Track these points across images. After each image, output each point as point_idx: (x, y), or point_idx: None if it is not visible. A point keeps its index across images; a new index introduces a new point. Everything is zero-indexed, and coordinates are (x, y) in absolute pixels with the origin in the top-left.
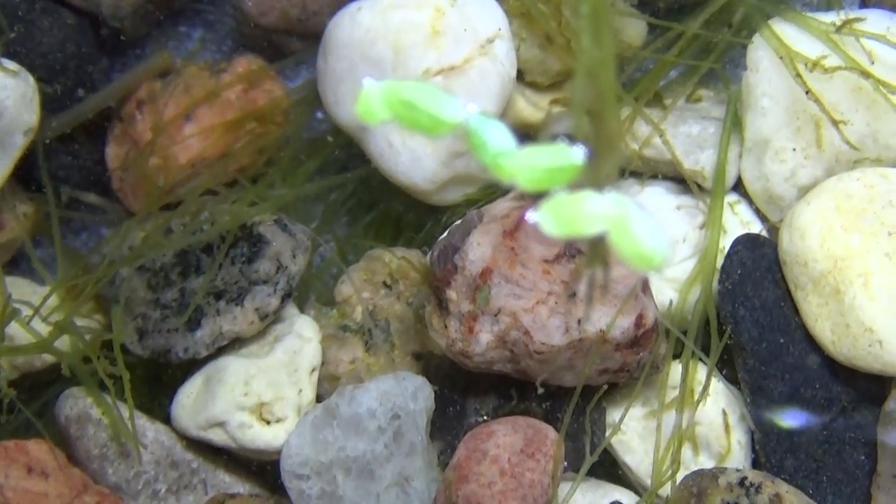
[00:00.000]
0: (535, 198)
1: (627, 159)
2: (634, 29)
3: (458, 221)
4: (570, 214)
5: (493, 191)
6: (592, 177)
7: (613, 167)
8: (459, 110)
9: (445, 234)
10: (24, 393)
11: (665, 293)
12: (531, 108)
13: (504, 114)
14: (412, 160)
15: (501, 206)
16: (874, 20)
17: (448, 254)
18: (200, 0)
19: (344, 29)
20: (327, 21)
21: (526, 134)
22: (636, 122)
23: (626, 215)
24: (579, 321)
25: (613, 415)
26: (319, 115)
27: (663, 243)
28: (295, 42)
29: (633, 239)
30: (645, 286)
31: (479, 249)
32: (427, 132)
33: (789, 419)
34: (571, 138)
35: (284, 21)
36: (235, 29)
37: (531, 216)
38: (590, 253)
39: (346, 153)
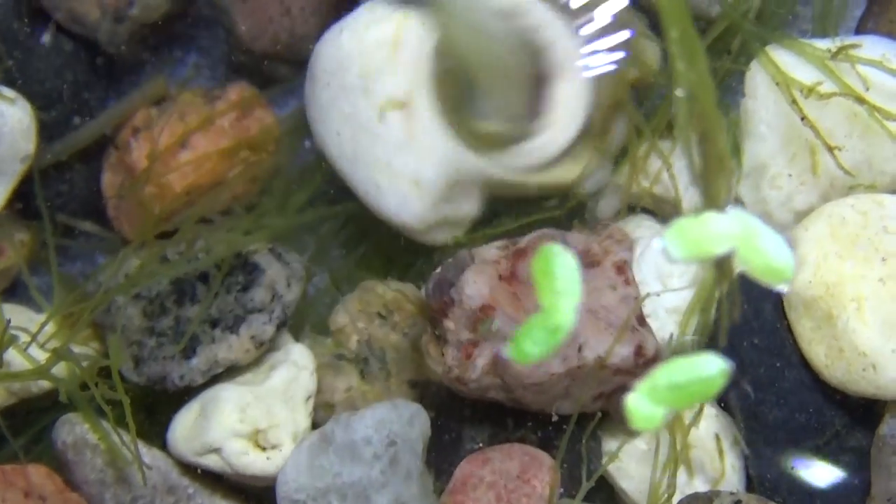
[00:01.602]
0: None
1: (636, 196)
2: (652, 51)
3: (450, 259)
4: (696, 237)
5: (480, 234)
6: (709, 197)
7: (727, 184)
8: (714, 363)
9: (439, 269)
10: (21, 419)
11: (667, 327)
12: None
13: None
14: (399, 201)
15: (490, 252)
16: (869, 46)
17: (443, 287)
18: (195, 25)
19: (326, 53)
20: (313, 46)
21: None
22: (649, 160)
23: (753, 232)
24: (579, 347)
25: (610, 443)
26: (308, 143)
27: (790, 256)
28: (284, 69)
29: (762, 254)
30: (641, 319)
31: (475, 286)
32: (704, 399)
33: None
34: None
35: (275, 45)
36: (228, 55)
37: (657, 243)
38: (717, 272)
39: (335, 184)
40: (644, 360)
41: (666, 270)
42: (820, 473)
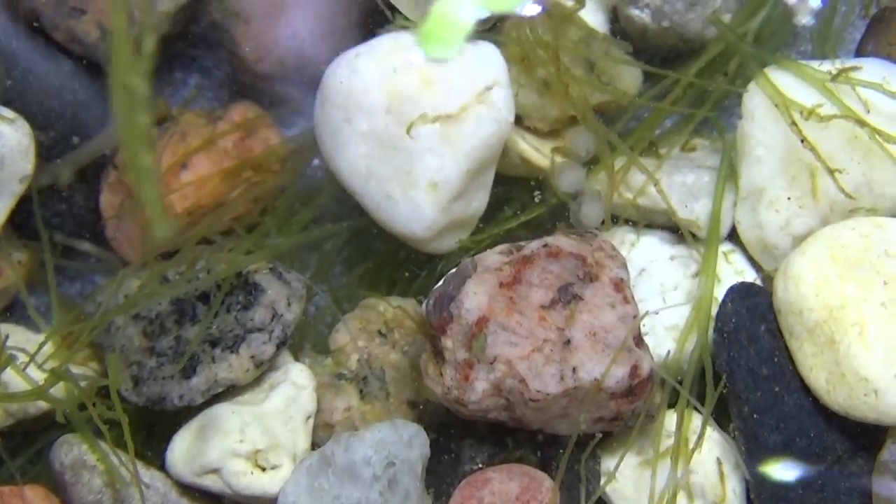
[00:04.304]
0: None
1: (620, 207)
2: (630, 76)
3: (453, 270)
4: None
5: (485, 237)
6: None
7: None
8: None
9: (441, 282)
10: (19, 439)
11: (665, 344)
12: (532, 150)
13: (503, 157)
14: (411, 210)
15: (493, 258)
16: (870, 69)
17: (444, 302)
18: (196, 46)
19: (341, 76)
20: (324, 68)
21: (534, 178)
22: (631, 171)
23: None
24: (574, 369)
25: (608, 463)
26: (316, 162)
27: (456, 48)
28: (291, 89)
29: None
30: (638, 339)
31: (475, 298)
32: None
33: (784, 471)
34: None
35: (281, 68)
36: (231, 76)
37: (417, 58)
38: None
39: (341, 203)
40: (639, 380)
41: (667, 285)
42: (822, 498)
